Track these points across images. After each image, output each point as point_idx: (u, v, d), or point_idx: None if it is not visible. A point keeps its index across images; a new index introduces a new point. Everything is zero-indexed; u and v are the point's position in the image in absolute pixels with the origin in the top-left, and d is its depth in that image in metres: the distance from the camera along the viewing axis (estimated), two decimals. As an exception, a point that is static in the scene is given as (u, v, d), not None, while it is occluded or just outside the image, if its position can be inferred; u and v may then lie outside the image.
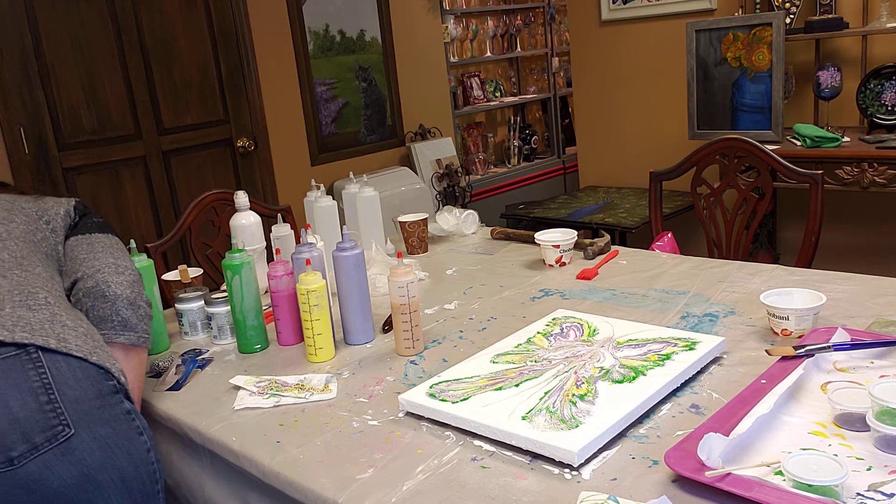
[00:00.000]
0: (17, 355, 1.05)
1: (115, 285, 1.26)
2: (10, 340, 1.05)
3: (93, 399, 1.09)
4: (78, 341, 1.13)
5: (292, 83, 3.80)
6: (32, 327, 1.09)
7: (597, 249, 1.91)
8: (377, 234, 2.00)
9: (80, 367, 1.10)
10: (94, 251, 1.32)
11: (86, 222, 1.40)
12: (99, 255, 1.30)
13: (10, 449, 1.00)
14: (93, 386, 1.10)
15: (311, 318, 1.43)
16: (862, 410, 0.99)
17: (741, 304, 1.52)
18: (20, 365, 1.05)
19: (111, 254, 1.32)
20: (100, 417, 1.09)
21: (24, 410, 1.02)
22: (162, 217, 3.36)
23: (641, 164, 3.11)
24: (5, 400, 1.02)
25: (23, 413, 1.02)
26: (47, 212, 1.37)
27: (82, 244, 1.34)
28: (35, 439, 1.02)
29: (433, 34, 4.53)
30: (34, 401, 1.03)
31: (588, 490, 0.96)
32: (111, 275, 1.27)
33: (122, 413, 1.13)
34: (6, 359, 1.05)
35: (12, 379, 1.04)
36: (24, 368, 1.05)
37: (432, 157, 4.38)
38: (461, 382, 1.24)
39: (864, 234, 3.10)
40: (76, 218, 1.41)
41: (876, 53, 2.94)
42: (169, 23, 3.31)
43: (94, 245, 1.33)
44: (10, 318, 1.09)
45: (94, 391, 1.10)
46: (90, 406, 1.08)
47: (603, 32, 3.71)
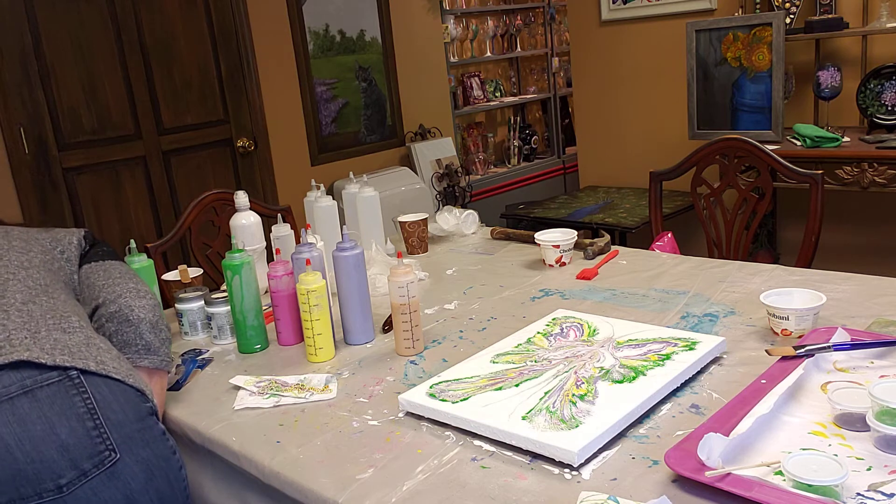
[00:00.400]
0: (60, 381, 1.05)
1: (138, 309, 1.27)
2: (51, 363, 1.06)
3: (134, 422, 1.10)
4: (115, 364, 1.14)
5: (292, 83, 3.80)
6: (71, 350, 1.10)
7: (597, 249, 1.91)
8: (377, 234, 2.00)
9: (119, 390, 1.10)
10: (112, 277, 1.33)
11: (97, 251, 1.42)
12: (118, 281, 1.32)
13: (59, 476, 1.01)
14: (133, 408, 1.11)
15: (311, 318, 1.43)
16: (862, 410, 0.99)
17: (741, 304, 1.52)
18: (64, 390, 1.05)
19: (129, 279, 1.34)
20: (141, 440, 1.10)
21: (72, 437, 1.03)
22: (162, 217, 3.36)
23: (641, 164, 3.11)
24: (53, 427, 1.02)
25: (71, 440, 1.02)
26: (60, 241, 1.38)
27: (98, 271, 1.35)
28: (83, 465, 1.03)
29: (433, 34, 4.53)
30: (81, 427, 1.04)
31: (588, 490, 0.96)
32: (133, 299, 1.28)
33: (159, 434, 1.14)
34: (50, 385, 1.05)
35: (58, 405, 1.04)
36: (69, 394, 1.05)
37: (432, 157, 4.38)
38: (461, 382, 1.24)
39: (864, 234, 3.10)
40: (86, 247, 1.43)
41: (876, 53, 2.94)
42: (169, 23, 3.31)
43: (109, 271, 1.35)
44: (48, 341, 1.09)
45: (134, 414, 1.10)
46: (132, 429, 1.09)
47: (603, 32, 3.71)
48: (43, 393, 1.03)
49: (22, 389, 1.02)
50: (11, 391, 1.02)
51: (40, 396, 1.03)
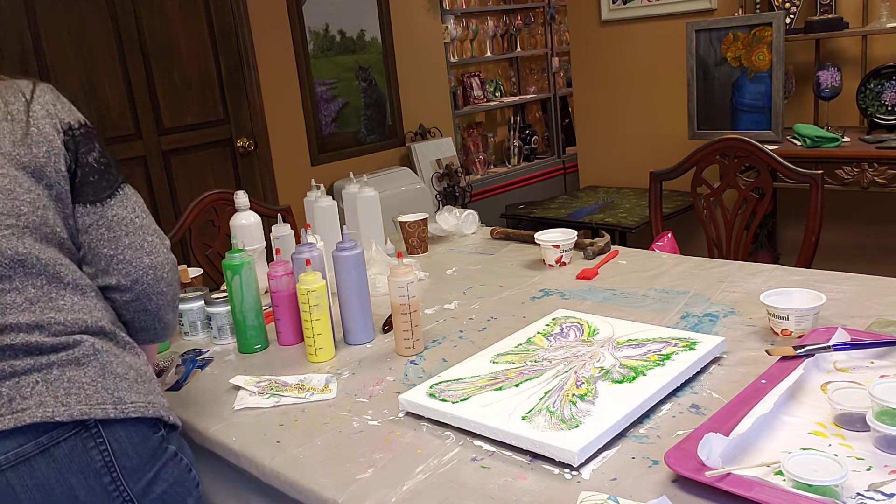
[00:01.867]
0: (76, 433, 0.98)
1: (157, 297, 1.15)
2: (69, 420, 0.97)
3: (148, 462, 1.05)
4: (132, 395, 1.04)
5: (292, 83, 3.80)
6: (87, 394, 1.00)
7: (597, 249, 1.91)
8: (377, 234, 2.00)
9: (135, 430, 1.03)
10: (118, 242, 1.12)
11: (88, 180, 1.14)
12: (126, 251, 1.12)
13: None
14: (147, 448, 1.05)
15: (311, 318, 1.43)
16: (862, 410, 0.99)
17: (741, 304, 1.52)
18: (81, 445, 0.98)
19: (139, 242, 1.13)
20: (156, 478, 1.06)
21: (90, 496, 0.98)
22: (162, 217, 3.35)
23: (641, 164, 3.11)
24: (72, 489, 0.97)
25: (89, 499, 0.98)
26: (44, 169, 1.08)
27: (100, 229, 1.12)
28: None
29: (433, 34, 4.53)
30: (98, 483, 0.99)
31: (588, 490, 0.96)
32: (150, 283, 1.13)
33: (171, 458, 1.09)
34: (66, 440, 0.97)
35: (76, 463, 0.98)
36: (86, 448, 0.98)
37: (432, 157, 4.38)
38: (461, 382, 1.24)
39: (864, 234, 3.10)
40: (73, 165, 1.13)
41: (876, 53, 2.94)
42: (169, 23, 3.31)
43: (113, 228, 1.12)
44: (61, 384, 0.99)
45: (148, 453, 1.05)
46: (148, 471, 1.05)
47: (603, 32, 3.71)
48: (59, 451, 0.97)
49: (38, 449, 0.95)
50: (28, 451, 0.95)
51: (57, 455, 0.97)
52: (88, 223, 1.12)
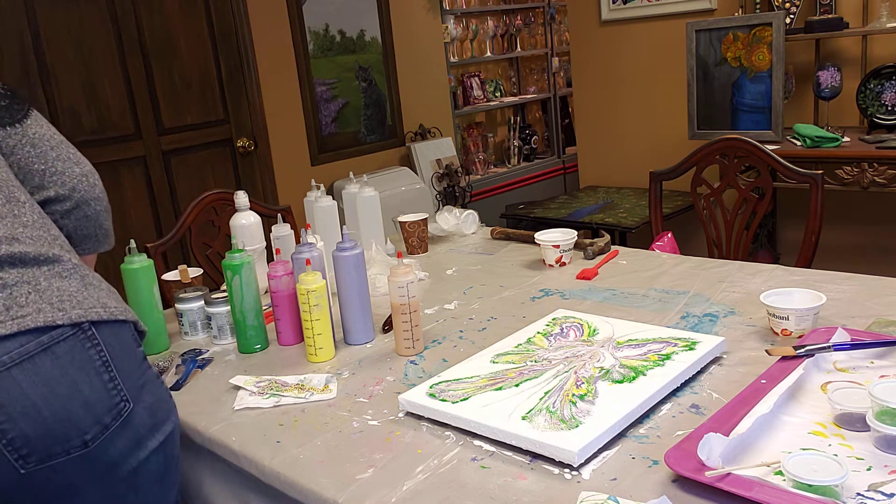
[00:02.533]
0: (74, 335, 1.04)
1: (94, 202, 1.23)
2: (68, 322, 1.03)
3: (136, 370, 1.11)
4: (112, 302, 1.11)
5: (292, 83, 3.80)
6: (77, 300, 1.06)
7: (597, 249, 1.91)
8: (377, 234, 2.00)
9: (122, 335, 1.10)
10: (46, 156, 1.19)
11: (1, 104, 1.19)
12: (55, 163, 1.20)
13: (84, 433, 1.02)
14: (134, 356, 1.11)
15: (311, 318, 1.43)
16: (862, 410, 0.99)
17: (741, 304, 1.52)
18: (80, 345, 1.04)
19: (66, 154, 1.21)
20: (144, 387, 1.11)
21: (94, 393, 1.04)
22: (162, 217, 3.36)
23: (641, 164, 3.11)
24: (76, 384, 1.02)
25: (93, 396, 1.03)
26: None
27: (25, 147, 1.18)
28: (104, 420, 1.04)
29: (433, 34, 4.53)
30: (99, 381, 1.05)
31: (588, 490, 0.96)
32: (86, 189, 1.22)
33: (154, 378, 1.16)
34: (66, 340, 1.03)
35: (77, 361, 1.03)
36: (85, 348, 1.04)
37: (432, 157, 4.38)
38: (461, 382, 1.24)
39: (864, 234, 3.11)
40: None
41: (876, 53, 2.94)
42: (169, 23, 3.31)
43: (37, 145, 1.19)
44: (54, 294, 1.05)
45: (136, 361, 1.12)
46: (137, 377, 1.10)
47: (603, 32, 3.71)
48: (61, 349, 1.02)
49: (40, 347, 1.01)
50: (31, 350, 1.00)
51: (59, 353, 1.02)
52: (13, 144, 1.16)
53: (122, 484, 1.09)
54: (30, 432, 0.99)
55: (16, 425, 0.98)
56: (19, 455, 0.99)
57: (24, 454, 0.99)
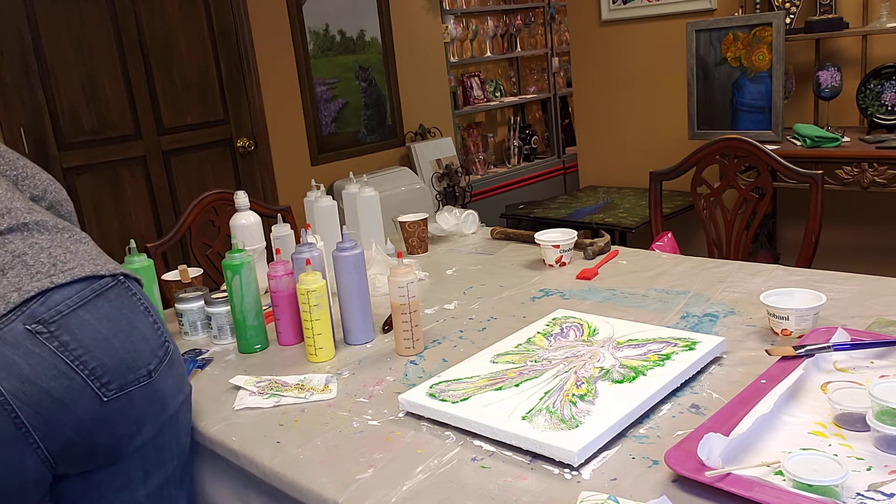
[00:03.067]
0: (115, 285, 1.14)
1: (66, 203, 1.35)
2: (107, 273, 1.14)
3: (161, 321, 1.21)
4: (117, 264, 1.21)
5: (292, 83, 3.80)
6: (104, 259, 1.18)
7: (597, 249, 1.91)
8: (377, 234, 2.00)
9: (140, 288, 1.20)
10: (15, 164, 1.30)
11: None
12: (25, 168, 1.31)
13: (148, 363, 1.13)
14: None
15: (311, 318, 1.43)
16: (862, 410, 0.99)
17: (741, 304, 1.52)
18: (124, 292, 1.15)
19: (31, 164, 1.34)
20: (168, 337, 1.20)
21: (147, 329, 1.15)
22: (162, 217, 3.36)
23: (641, 164, 3.11)
24: (132, 321, 1.13)
25: (147, 331, 1.15)
26: None
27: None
28: (158, 353, 1.15)
29: (433, 34, 4.53)
30: (147, 321, 1.16)
31: (588, 490, 0.96)
32: (56, 191, 1.33)
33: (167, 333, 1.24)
34: (112, 288, 1.14)
35: (126, 304, 1.14)
36: (128, 294, 1.15)
37: (432, 157, 4.38)
38: (461, 382, 1.24)
39: (864, 234, 3.10)
40: None
41: (876, 53, 2.94)
42: (169, 23, 3.31)
43: (4, 155, 1.31)
44: (87, 253, 1.17)
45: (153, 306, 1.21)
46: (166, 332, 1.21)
47: (603, 32, 3.71)
48: (112, 293, 1.13)
49: (94, 293, 1.11)
50: (87, 295, 1.10)
51: (111, 297, 1.13)
52: None
53: (168, 428, 1.18)
54: (107, 361, 1.08)
55: (94, 356, 1.07)
56: (101, 383, 1.08)
57: (104, 382, 1.08)
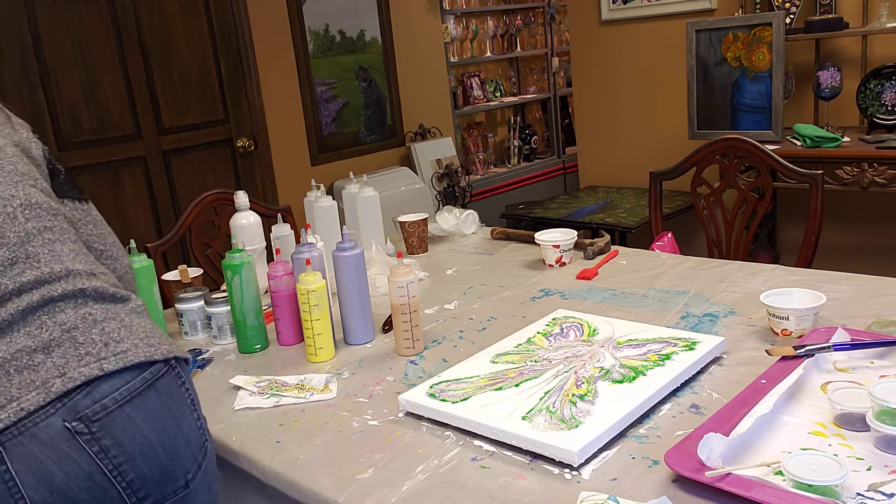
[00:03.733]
0: (168, 371, 1.00)
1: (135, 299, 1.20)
2: (162, 358, 1.00)
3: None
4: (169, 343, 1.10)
5: (292, 83, 3.80)
6: (158, 337, 1.03)
7: (597, 249, 1.91)
8: (377, 234, 2.00)
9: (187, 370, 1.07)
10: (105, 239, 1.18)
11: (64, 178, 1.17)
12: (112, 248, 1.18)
13: (187, 472, 1.00)
14: None
15: (311, 318, 1.43)
16: (862, 410, 0.99)
17: (741, 304, 1.52)
18: (174, 382, 1.01)
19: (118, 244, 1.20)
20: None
21: (191, 429, 1.01)
22: (162, 217, 3.36)
23: (641, 164, 3.11)
24: (178, 421, 0.99)
25: (190, 433, 1.01)
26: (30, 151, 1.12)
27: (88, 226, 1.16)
28: (198, 457, 1.02)
29: (433, 34, 4.53)
30: (191, 417, 1.02)
31: (588, 490, 0.96)
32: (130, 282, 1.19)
33: None
34: (163, 377, 0.99)
35: (175, 398, 1.00)
36: (177, 384, 1.01)
37: (432, 157, 4.38)
38: (461, 382, 1.24)
39: (864, 234, 3.10)
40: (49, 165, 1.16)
41: (876, 53, 2.94)
42: (169, 23, 3.31)
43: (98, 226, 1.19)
44: (141, 329, 1.02)
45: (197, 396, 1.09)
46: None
47: (603, 32, 3.71)
48: (162, 385, 0.99)
49: (145, 383, 0.98)
50: (137, 386, 0.97)
51: (161, 389, 0.99)
52: (77, 217, 1.13)
53: None
54: (147, 472, 0.95)
55: (135, 465, 0.94)
56: (137, 498, 0.94)
57: (140, 496, 0.94)
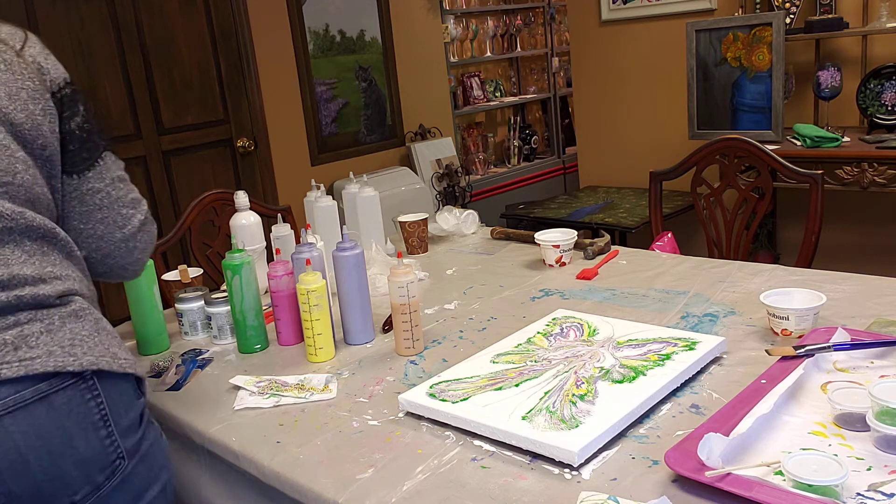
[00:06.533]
0: (75, 384, 0.94)
1: (131, 264, 1.14)
2: (79, 369, 0.94)
3: (136, 421, 1.03)
4: (122, 353, 1.02)
5: (292, 83, 3.80)
6: (89, 346, 0.97)
7: (597, 249, 1.91)
8: (377, 234, 2.00)
9: (125, 387, 1.01)
10: (90, 217, 1.09)
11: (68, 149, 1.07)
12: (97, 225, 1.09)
13: (74, 493, 0.94)
14: (134, 406, 1.03)
15: (311, 318, 1.43)
16: (862, 410, 0.99)
17: (741, 304, 1.52)
18: (80, 396, 0.94)
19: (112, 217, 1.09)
20: (141, 438, 1.03)
21: (89, 450, 0.95)
22: (162, 217, 3.35)
23: (641, 164, 3.11)
24: (71, 440, 0.93)
25: (88, 453, 0.95)
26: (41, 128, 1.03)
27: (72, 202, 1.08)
28: (97, 479, 0.96)
29: (433, 34, 4.53)
30: (96, 436, 0.96)
31: (588, 490, 0.96)
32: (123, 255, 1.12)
33: (149, 422, 1.07)
34: (66, 389, 0.93)
35: (75, 414, 0.94)
36: (84, 399, 0.95)
37: (432, 157, 4.38)
38: (461, 382, 1.24)
39: (864, 234, 3.10)
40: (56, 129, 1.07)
41: (876, 53, 2.94)
42: (169, 23, 3.31)
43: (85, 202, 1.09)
44: (66, 336, 0.96)
45: (135, 412, 1.03)
46: (136, 431, 1.02)
47: (603, 32, 3.71)
48: (59, 399, 0.93)
49: (37, 395, 0.91)
50: (26, 397, 0.91)
51: (57, 403, 0.93)
52: (65, 193, 1.07)
53: None
54: (16, 489, 0.90)
55: (2, 481, 0.89)
56: None
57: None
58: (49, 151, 1.03)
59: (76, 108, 1.09)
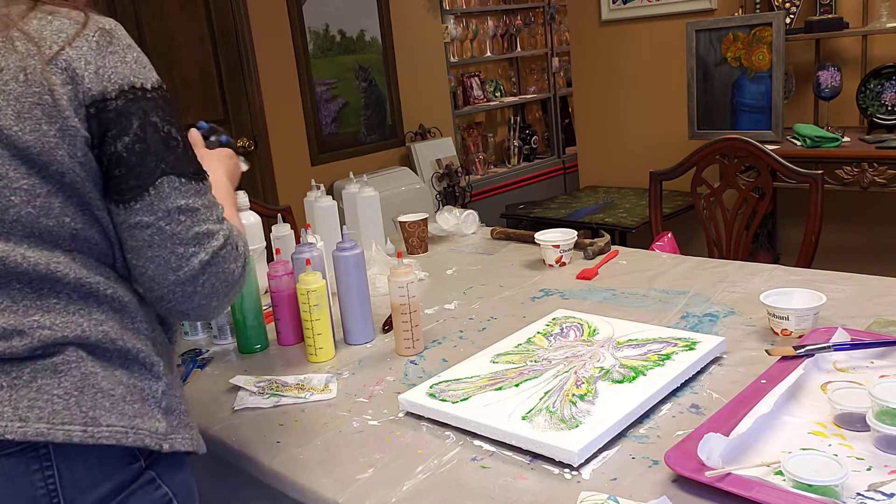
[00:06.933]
0: (22, 451, 0.81)
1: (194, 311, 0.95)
2: (22, 439, 0.80)
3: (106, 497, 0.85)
4: (112, 416, 0.85)
5: (292, 83, 3.80)
6: (53, 409, 0.82)
7: (597, 249, 1.91)
8: (377, 234, 2.00)
9: (101, 459, 0.85)
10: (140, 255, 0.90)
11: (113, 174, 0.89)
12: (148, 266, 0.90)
13: None
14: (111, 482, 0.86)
15: (311, 318, 1.43)
16: (862, 410, 0.99)
17: (741, 304, 1.52)
18: (24, 466, 0.81)
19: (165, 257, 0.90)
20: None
21: None
22: (162, 217, 3.35)
23: (641, 164, 3.11)
24: None
25: None
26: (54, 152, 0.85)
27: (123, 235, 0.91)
28: None
29: (433, 34, 4.53)
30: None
31: (588, 490, 0.96)
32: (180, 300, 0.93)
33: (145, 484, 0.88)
34: (9, 456, 0.81)
35: (13, 486, 0.81)
36: (29, 471, 0.81)
37: (432, 157, 4.38)
38: (461, 382, 1.24)
39: (864, 234, 3.10)
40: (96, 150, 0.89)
41: (876, 53, 2.94)
42: (169, 23, 3.31)
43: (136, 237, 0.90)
44: (28, 395, 0.82)
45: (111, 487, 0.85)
46: None
47: (603, 32, 3.71)
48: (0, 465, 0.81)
49: None
50: None
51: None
52: (116, 223, 0.91)
53: None
54: None
55: None
56: None
57: None
58: (70, 178, 0.86)
59: (126, 125, 0.89)
